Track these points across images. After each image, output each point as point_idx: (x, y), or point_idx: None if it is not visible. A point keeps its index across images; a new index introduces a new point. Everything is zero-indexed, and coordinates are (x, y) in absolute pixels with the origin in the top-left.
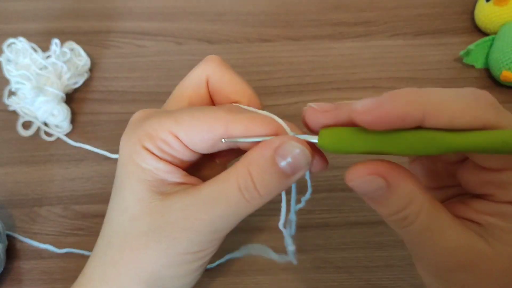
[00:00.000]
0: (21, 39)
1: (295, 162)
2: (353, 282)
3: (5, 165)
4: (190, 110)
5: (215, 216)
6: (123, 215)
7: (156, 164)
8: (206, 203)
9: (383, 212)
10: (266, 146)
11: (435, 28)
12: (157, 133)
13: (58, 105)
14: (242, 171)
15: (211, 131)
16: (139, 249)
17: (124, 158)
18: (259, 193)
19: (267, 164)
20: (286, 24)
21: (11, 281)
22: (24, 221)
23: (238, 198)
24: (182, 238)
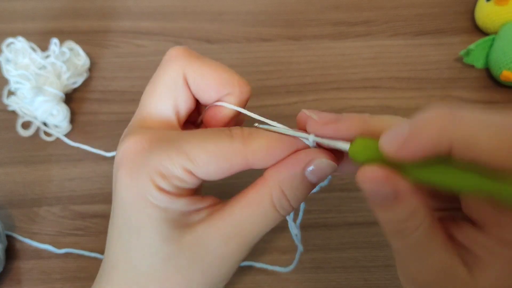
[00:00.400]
0: (20, 39)
1: (322, 173)
2: (352, 282)
3: (4, 165)
4: (201, 143)
5: (253, 237)
6: (154, 256)
7: (174, 203)
8: (243, 227)
9: (383, 217)
10: (295, 164)
11: (435, 28)
12: (170, 172)
13: (57, 105)
14: (276, 191)
15: (231, 167)
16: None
17: (136, 200)
18: (292, 207)
19: (299, 182)
20: (286, 23)
21: (10, 281)
22: (23, 221)
23: (276, 216)
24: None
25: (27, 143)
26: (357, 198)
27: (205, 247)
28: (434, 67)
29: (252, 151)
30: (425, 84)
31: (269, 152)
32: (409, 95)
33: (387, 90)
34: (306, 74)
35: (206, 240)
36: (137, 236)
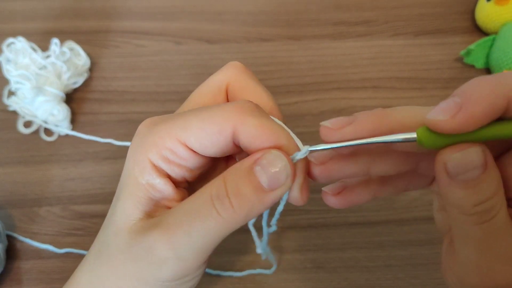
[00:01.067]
0: (21, 39)
1: (272, 171)
2: (353, 282)
3: (5, 165)
4: (198, 112)
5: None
6: (111, 227)
7: (152, 180)
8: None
9: (469, 201)
10: (247, 158)
11: (436, 28)
12: (164, 141)
13: (58, 105)
14: (217, 181)
15: (220, 133)
16: (118, 266)
17: (126, 170)
18: (231, 203)
19: (242, 172)
20: (286, 23)
21: (10, 281)
22: (24, 221)
23: (209, 210)
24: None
25: (27, 143)
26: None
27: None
28: (435, 67)
29: (242, 121)
30: (426, 84)
31: (257, 129)
32: (410, 95)
33: (388, 90)
34: (307, 74)
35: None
36: (114, 203)
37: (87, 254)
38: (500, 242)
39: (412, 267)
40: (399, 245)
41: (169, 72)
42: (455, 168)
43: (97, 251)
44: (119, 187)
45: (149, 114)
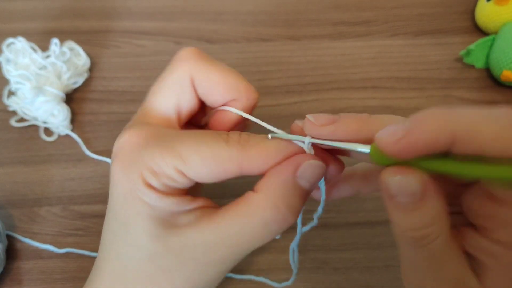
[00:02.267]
0: (21, 39)
1: (313, 176)
2: (352, 282)
3: (5, 165)
4: (196, 145)
5: (238, 250)
6: (139, 253)
7: (162, 201)
8: (229, 238)
9: (405, 223)
10: (284, 171)
11: (436, 28)
12: (162, 170)
13: (58, 105)
14: (268, 205)
15: (223, 172)
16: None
17: (126, 194)
18: (290, 221)
19: (290, 189)
20: (286, 23)
21: (11, 281)
22: (24, 221)
23: (265, 233)
24: (207, 272)
25: (27, 143)
26: (358, 198)
27: (189, 252)
28: (434, 67)
29: (248, 159)
30: (426, 84)
31: (264, 161)
32: (410, 95)
33: (387, 90)
34: (306, 74)
35: (191, 245)
36: (126, 231)
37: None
38: (434, 266)
39: None
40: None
41: None
42: (393, 189)
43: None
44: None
45: None
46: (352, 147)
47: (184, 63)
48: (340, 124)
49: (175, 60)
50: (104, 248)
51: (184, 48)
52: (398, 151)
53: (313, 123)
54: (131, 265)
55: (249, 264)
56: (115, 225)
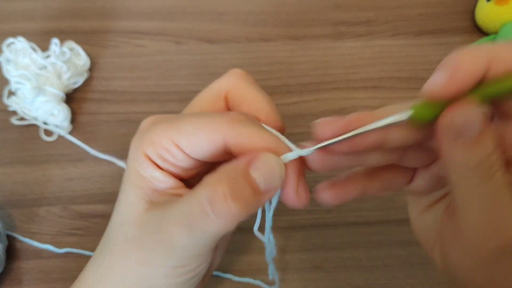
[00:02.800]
0: (21, 39)
1: (268, 173)
2: (352, 281)
3: (4, 165)
4: (193, 118)
5: (185, 231)
6: (119, 219)
7: (153, 172)
8: (176, 217)
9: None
10: (241, 159)
11: (436, 27)
12: (160, 140)
13: (58, 105)
14: (212, 182)
15: (211, 142)
16: (123, 255)
17: (129, 164)
18: (229, 206)
19: (239, 174)
20: (287, 23)
21: (11, 281)
22: (23, 221)
23: (203, 213)
24: (158, 251)
25: (27, 143)
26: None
27: (147, 227)
28: (435, 67)
29: (233, 133)
30: None
31: (247, 140)
32: (410, 95)
33: (388, 90)
34: (307, 74)
35: (150, 221)
36: (118, 196)
37: (95, 252)
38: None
39: (410, 267)
40: (397, 244)
41: (169, 72)
42: (459, 128)
43: (102, 244)
44: (123, 181)
45: (149, 114)
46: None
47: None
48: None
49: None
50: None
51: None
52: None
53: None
54: (111, 231)
55: (248, 264)
56: (118, 195)
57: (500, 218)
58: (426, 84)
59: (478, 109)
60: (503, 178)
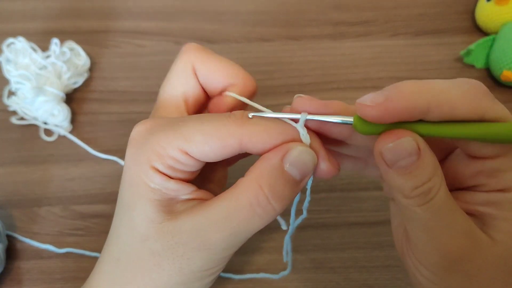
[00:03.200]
0: (21, 39)
1: (302, 164)
2: (351, 282)
3: (5, 165)
4: (199, 125)
5: (227, 235)
6: (133, 236)
7: (165, 184)
8: (217, 223)
9: (410, 184)
10: (272, 156)
11: (436, 27)
12: (166, 151)
13: (58, 105)
14: (252, 186)
15: (225, 147)
16: (152, 269)
17: (131, 177)
18: (273, 207)
19: (277, 174)
20: (286, 23)
21: (11, 281)
22: (24, 221)
23: (251, 215)
24: (196, 257)
25: (27, 143)
26: (357, 198)
27: (179, 237)
28: (435, 67)
29: (248, 134)
30: None
31: (263, 139)
32: None
33: None
34: (307, 74)
35: (182, 230)
36: (127, 213)
37: (100, 266)
38: (443, 219)
39: None
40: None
41: None
42: (391, 157)
43: (115, 262)
44: (127, 196)
45: (149, 114)
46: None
47: (186, 55)
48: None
49: (179, 54)
50: (109, 232)
51: (187, 43)
52: (378, 115)
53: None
54: (126, 247)
55: (248, 264)
56: (119, 209)
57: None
58: (359, 99)
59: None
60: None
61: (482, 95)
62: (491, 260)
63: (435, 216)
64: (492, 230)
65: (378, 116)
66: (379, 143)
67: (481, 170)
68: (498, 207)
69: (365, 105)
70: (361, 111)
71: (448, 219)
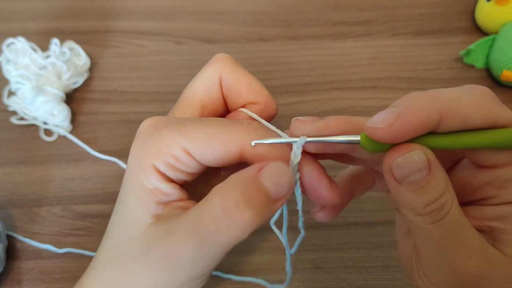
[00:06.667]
0: (21, 39)
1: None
2: (351, 282)
3: (5, 165)
4: (204, 126)
5: (193, 245)
6: (123, 233)
7: (159, 185)
8: (185, 231)
9: (422, 201)
10: (250, 168)
11: (436, 28)
12: (169, 149)
13: (58, 105)
14: (224, 192)
15: (226, 153)
16: (133, 272)
17: (130, 174)
18: (242, 215)
19: (250, 183)
20: (286, 23)
21: (11, 281)
22: (24, 221)
23: (218, 222)
24: (166, 269)
25: (27, 143)
26: (357, 198)
27: (155, 243)
28: (435, 67)
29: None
30: (426, 84)
31: (264, 149)
32: None
33: (388, 90)
34: (306, 74)
35: (157, 237)
36: (120, 209)
37: (94, 261)
38: (457, 237)
39: None
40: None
41: (169, 72)
42: (401, 172)
43: (106, 258)
44: (124, 192)
45: (149, 114)
46: (342, 139)
47: (216, 63)
48: (329, 120)
49: (210, 61)
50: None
51: (221, 53)
52: (392, 136)
53: (302, 120)
54: (117, 246)
55: (248, 264)
56: (116, 205)
57: (456, 259)
58: (370, 120)
59: (421, 156)
60: (459, 211)
61: (492, 101)
62: (505, 276)
63: (448, 234)
64: (503, 245)
65: (392, 138)
66: (388, 159)
67: (490, 180)
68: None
69: (377, 128)
70: (373, 134)
71: (461, 236)
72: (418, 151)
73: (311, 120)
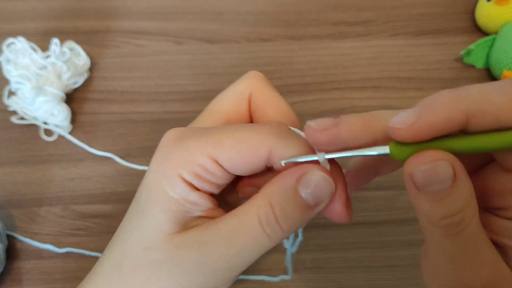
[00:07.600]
0: (21, 39)
1: (317, 190)
2: (354, 282)
3: (5, 165)
4: (231, 131)
5: (233, 252)
6: (139, 242)
7: (186, 195)
8: (223, 238)
9: (438, 213)
10: (288, 176)
11: (436, 27)
12: (195, 158)
13: (58, 105)
14: (263, 203)
15: (255, 157)
16: (151, 279)
17: (152, 182)
18: (281, 227)
19: (289, 195)
20: (286, 23)
21: (11, 281)
22: (24, 221)
23: (259, 233)
24: (197, 273)
25: (27, 143)
26: (359, 198)
27: (183, 251)
28: (435, 67)
29: (280, 145)
30: (426, 84)
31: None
32: (410, 95)
33: (388, 90)
34: (307, 74)
35: (186, 244)
36: (137, 217)
37: (99, 266)
38: (470, 253)
39: (413, 267)
40: (400, 245)
41: (169, 72)
42: (422, 180)
43: (116, 264)
44: (143, 200)
45: (149, 114)
46: (368, 152)
47: (248, 80)
48: (343, 125)
49: (242, 77)
50: (115, 234)
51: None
52: (412, 135)
53: (314, 128)
54: (130, 254)
55: None
56: (131, 212)
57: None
58: (391, 120)
59: (447, 166)
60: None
61: None
62: None
63: (462, 249)
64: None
65: (411, 137)
66: (410, 165)
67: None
68: None
69: (394, 128)
70: (395, 135)
71: (475, 252)
72: (444, 162)
73: (323, 127)
